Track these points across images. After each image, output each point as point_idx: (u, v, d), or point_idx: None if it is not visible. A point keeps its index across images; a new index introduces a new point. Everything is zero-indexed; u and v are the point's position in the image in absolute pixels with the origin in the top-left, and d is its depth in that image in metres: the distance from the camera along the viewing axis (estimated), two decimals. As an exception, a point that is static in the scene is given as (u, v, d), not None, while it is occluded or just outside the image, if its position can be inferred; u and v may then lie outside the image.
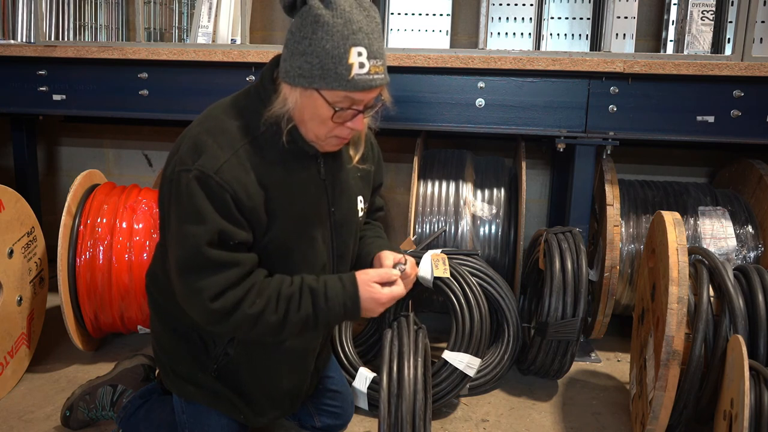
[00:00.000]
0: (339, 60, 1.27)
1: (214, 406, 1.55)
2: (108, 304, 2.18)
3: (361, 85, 1.29)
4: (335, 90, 1.29)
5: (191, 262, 1.31)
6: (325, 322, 1.42)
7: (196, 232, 1.29)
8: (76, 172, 2.33)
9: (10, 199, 2.04)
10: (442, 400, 1.93)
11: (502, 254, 2.48)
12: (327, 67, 1.27)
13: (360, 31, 1.28)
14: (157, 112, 2.44)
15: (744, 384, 1.44)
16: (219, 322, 1.35)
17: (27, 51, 2.41)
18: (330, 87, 1.29)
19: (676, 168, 2.93)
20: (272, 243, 1.41)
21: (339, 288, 1.42)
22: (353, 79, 1.28)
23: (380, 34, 1.34)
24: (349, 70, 1.27)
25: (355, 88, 1.29)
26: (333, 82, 1.28)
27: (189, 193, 1.30)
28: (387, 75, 1.36)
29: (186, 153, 1.34)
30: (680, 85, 2.18)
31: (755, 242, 2.35)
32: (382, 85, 1.34)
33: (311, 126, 1.37)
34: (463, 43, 2.96)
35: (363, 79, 1.29)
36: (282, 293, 1.38)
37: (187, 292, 1.34)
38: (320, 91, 1.30)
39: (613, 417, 2.02)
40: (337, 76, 1.28)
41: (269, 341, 1.49)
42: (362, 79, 1.29)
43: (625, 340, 2.54)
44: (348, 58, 1.27)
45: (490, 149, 2.99)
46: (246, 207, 1.33)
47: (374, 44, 1.30)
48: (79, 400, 1.81)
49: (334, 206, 1.51)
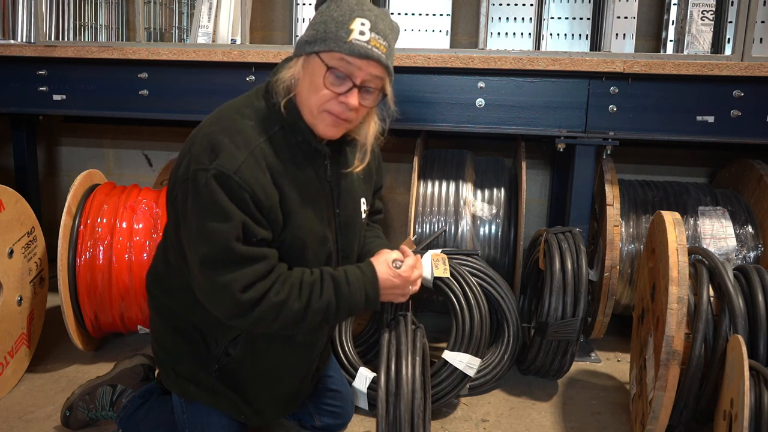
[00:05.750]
0: (341, 25, 1.32)
1: (214, 406, 1.55)
2: (108, 304, 2.18)
3: (357, 50, 1.31)
4: (332, 51, 1.33)
5: (220, 258, 1.32)
6: (347, 309, 1.44)
7: (223, 229, 1.30)
8: (76, 172, 2.34)
9: (10, 199, 2.04)
10: (442, 400, 1.93)
11: (502, 254, 2.48)
12: (329, 31, 1.33)
13: (369, 11, 1.34)
14: (157, 112, 2.44)
15: (744, 384, 1.44)
16: (245, 314, 1.35)
17: (27, 51, 2.41)
18: (328, 48, 1.33)
19: (676, 168, 2.93)
20: (286, 241, 1.42)
21: (359, 274, 1.46)
22: (351, 42, 1.31)
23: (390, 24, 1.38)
24: (348, 34, 1.31)
25: (351, 52, 1.32)
26: (331, 43, 1.32)
27: (209, 191, 1.30)
28: (390, 60, 1.38)
29: (201, 152, 1.34)
30: (680, 85, 2.18)
31: (755, 242, 2.35)
32: (380, 60, 1.34)
33: (307, 97, 1.38)
34: (463, 43, 2.96)
35: (360, 45, 1.32)
36: (305, 281, 1.40)
37: (214, 287, 1.34)
38: (319, 54, 1.34)
39: (613, 417, 2.01)
40: (336, 38, 1.32)
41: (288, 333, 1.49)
42: (359, 45, 1.32)
43: (625, 340, 2.54)
44: (350, 24, 1.32)
45: (490, 149, 2.99)
46: (264, 206, 1.34)
47: (380, 24, 1.35)
48: (79, 400, 1.81)
49: (339, 207, 1.53)
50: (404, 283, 1.50)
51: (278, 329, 1.41)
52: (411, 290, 1.54)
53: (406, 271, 1.51)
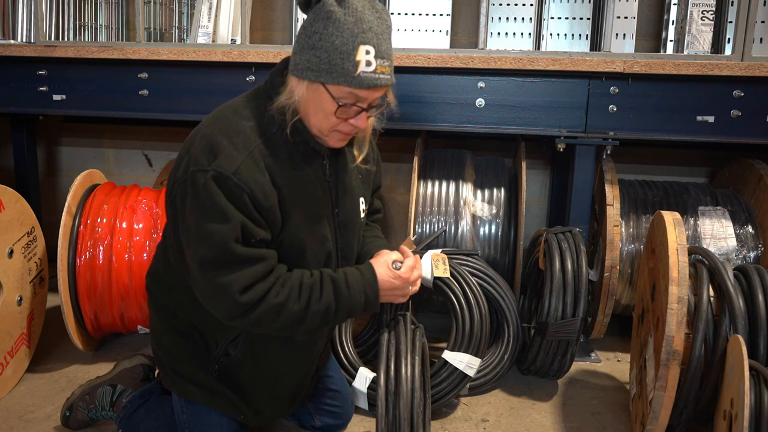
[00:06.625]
0: (346, 56, 1.29)
1: (214, 406, 1.56)
2: (108, 304, 2.18)
3: (366, 82, 1.31)
4: (340, 85, 1.31)
5: (218, 259, 1.32)
6: (346, 311, 1.44)
7: (222, 230, 1.30)
8: (76, 172, 2.33)
9: (10, 199, 2.04)
10: (442, 400, 1.93)
11: (502, 254, 2.48)
12: (334, 62, 1.29)
13: (370, 31, 1.30)
14: (157, 112, 2.44)
15: (744, 384, 1.44)
16: (244, 315, 1.36)
17: (27, 51, 2.41)
18: (336, 82, 1.31)
19: (676, 168, 2.93)
20: (285, 241, 1.42)
21: (358, 276, 1.46)
22: (359, 76, 1.30)
23: (390, 37, 1.36)
24: (355, 67, 1.29)
25: (360, 86, 1.31)
26: (339, 77, 1.30)
27: (208, 192, 1.30)
28: (393, 77, 1.38)
29: (200, 153, 1.34)
30: (680, 85, 2.18)
31: (755, 242, 2.35)
32: (387, 85, 1.36)
33: (315, 120, 1.38)
34: (463, 43, 2.96)
35: (368, 77, 1.31)
36: (304, 283, 1.40)
37: (213, 287, 1.34)
38: (326, 86, 1.32)
39: (613, 417, 2.01)
40: (343, 72, 1.30)
41: (287, 335, 1.48)
42: (368, 77, 1.31)
43: (625, 340, 2.54)
44: (356, 55, 1.29)
45: (490, 149, 2.99)
46: (263, 207, 1.34)
47: (383, 45, 1.32)
48: (79, 400, 1.81)
49: (338, 207, 1.53)
50: (404, 284, 1.51)
51: (277, 331, 1.41)
52: (411, 291, 1.54)
53: (406, 272, 1.51)
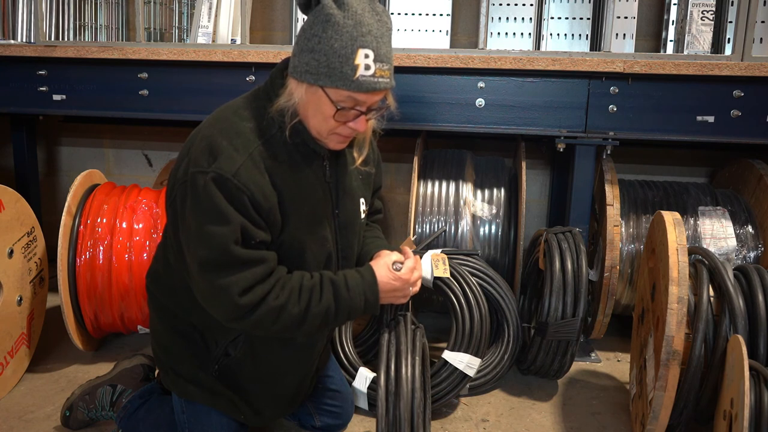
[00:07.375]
0: (345, 60, 1.28)
1: (214, 406, 1.55)
2: (108, 304, 2.18)
3: (365, 86, 1.31)
4: (339, 89, 1.31)
5: (218, 261, 1.32)
6: (346, 313, 1.44)
7: (222, 232, 1.30)
8: (76, 172, 2.33)
9: (10, 199, 2.04)
10: (442, 400, 1.93)
11: (502, 254, 2.48)
12: (333, 66, 1.29)
13: (369, 34, 1.29)
14: (157, 112, 2.44)
15: (744, 384, 1.44)
16: (243, 317, 1.36)
17: (27, 51, 2.41)
18: (335, 85, 1.31)
19: (676, 168, 2.93)
20: (285, 243, 1.42)
21: (358, 278, 1.46)
22: (358, 80, 1.30)
23: (390, 39, 1.36)
24: (354, 71, 1.29)
25: (359, 89, 1.31)
26: (338, 81, 1.30)
27: (207, 194, 1.30)
28: (393, 80, 1.37)
29: (200, 154, 1.34)
30: (680, 85, 2.18)
31: (755, 242, 2.35)
32: (386, 88, 1.36)
33: (314, 122, 1.38)
34: (463, 43, 2.96)
35: (367, 81, 1.30)
36: (304, 285, 1.40)
37: (212, 289, 1.34)
38: (325, 89, 1.32)
39: (613, 417, 2.01)
40: (342, 76, 1.29)
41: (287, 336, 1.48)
42: (367, 81, 1.30)
43: (625, 340, 2.54)
44: (354, 59, 1.28)
45: (490, 149, 2.99)
46: (263, 208, 1.34)
47: (382, 48, 1.32)
48: (79, 400, 1.81)
49: (338, 208, 1.53)
50: (404, 286, 1.51)
51: (277, 333, 1.41)
52: (411, 291, 1.54)
53: (406, 274, 1.51)
